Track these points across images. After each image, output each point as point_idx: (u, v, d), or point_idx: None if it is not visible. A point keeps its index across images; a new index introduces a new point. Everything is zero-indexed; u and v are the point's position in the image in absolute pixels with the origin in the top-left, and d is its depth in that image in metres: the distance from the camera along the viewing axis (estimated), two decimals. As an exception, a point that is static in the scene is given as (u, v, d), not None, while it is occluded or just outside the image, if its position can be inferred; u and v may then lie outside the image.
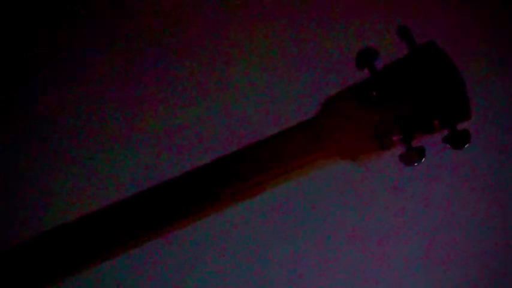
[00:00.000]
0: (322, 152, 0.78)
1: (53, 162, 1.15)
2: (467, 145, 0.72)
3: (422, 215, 1.06)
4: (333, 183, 1.05)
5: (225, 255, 1.07)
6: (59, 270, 0.83)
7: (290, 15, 1.16)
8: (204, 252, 1.07)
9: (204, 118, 1.12)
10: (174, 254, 1.08)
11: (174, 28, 1.19)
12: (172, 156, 1.11)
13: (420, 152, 0.74)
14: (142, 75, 1.17)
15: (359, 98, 0.76)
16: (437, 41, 0.76)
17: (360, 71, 0.77)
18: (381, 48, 0.77)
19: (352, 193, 1.06)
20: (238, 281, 1.07)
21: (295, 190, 1.07)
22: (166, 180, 0.80)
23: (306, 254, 1.07)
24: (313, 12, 1.15)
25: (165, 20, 1.20)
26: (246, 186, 0.78)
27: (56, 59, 1.21)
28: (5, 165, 1.17)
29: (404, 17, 1.10)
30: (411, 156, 0.74)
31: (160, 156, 1.12)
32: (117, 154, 1.14)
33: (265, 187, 0.79)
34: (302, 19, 1.15)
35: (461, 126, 0.73)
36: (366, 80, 0.77)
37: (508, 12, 1.10)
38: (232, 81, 1.14)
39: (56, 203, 1.13)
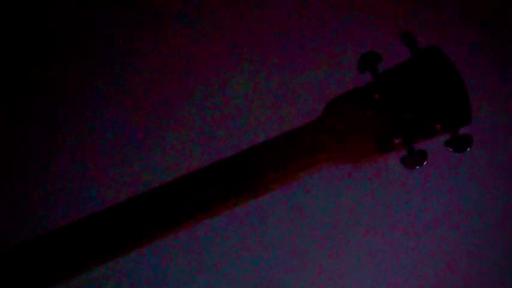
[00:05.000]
0: (325, 154, 0.78)
1: (54, 162, 1.15)
2: (468, 149, 0.73)
3: (423, 218, 1.07)
4: (334, 185, 1.06)
5: (228, 255, 1.08)
6: (59, 271, 0.83)
7: (294, 18, 1.16)
8: (208, 252, 1.08)
9: (210, 119, 1.13)
10: (176, 254, 1.08)
11: (175, 28, 1.20)
12: (177, 157, 1.12)
13: (422, 156, 0.75)
14: (145, 75, 1.18)
15: (361, 101, 0.77)
16: (439, 45, 0.77)
17: (363, 74, 0.78)
18: (384, 52, 0.78)
19: (354, 195, 1.07)
20: (239, 280, 1.07)
21: (298, 191, 1.07)
22: (172, 181, 0.81)
23: (307, 254, 1.08)
24: (317, 16, 1.16)
25: (163, 25, 1.20)
26: (251, 187, 0.79)
27: (56, 58, 1.22)
28: (5, 165, 1.17)
29: (407, 21, 1.11)
30: (413, 160, 0.75)
31: (164, 157, 1.12)
32: (119, 154, 1.14)
33: (269, 187, 0.80)
34: (306, 22, 1.15)
35: (463, 129, 0.74)
36: (369, 84, 0.78)
37: (508, 14, 1.11)
38: (237, 82, 1.15)
39: (57, 203, 1.13)
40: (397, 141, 0.76)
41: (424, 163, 0.75)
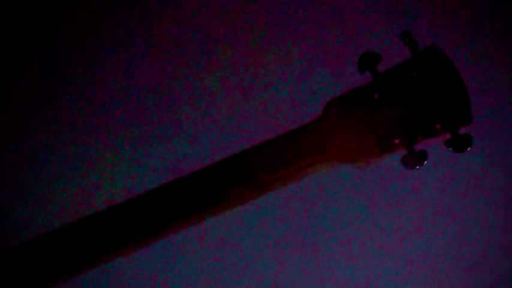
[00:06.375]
0: (324, 155, 0.78)
1: (54, 162, 1.16)
2: (468, 149, 0.73)
3: (423, 217, 1.07)
4: (334, 186, 1.06)
5: (224, 256, 1.08)
6: (59, 271, 0.83)
7: (293, 19, 1.16)
8: (205, 254, 1.08)
9: (208, 119, 1.13)
10: (175, 255, 1.08)
11: (180, 29, 1.20)
12: (176, 157, 1.12)
13: (422, 156, 0.74)
14: (146, 75, 1.18)
15: (361, 101, 0.77)
16: (439, 44, 0.77)
17: (362, 74, 0.78)
18: (383, 52, 0.77)
19: (353, 196, 1.07)
20: (238, 280, 1.07)
21: (297, 191, 1.07)
22: (171, 181, 0.81)
23: (306, 254, 1.08)
24: (316, 17, 1.16)
25: (173, 21, 1.20)
26: (248, 188, 0.79)
27: (58, 57, 1.22)
28: (5, 164, 1.17)
29: (406, 21, 1.11)
30: (413, 160, 0.75)
31: (164, 156, 1.13)
32: (120, 154, 1.14)
33: (267, 189, 0.80)
34: (305, 23, 1.15)
35: (462, 129, 0.74)
36: (368, 84, 0.78)
37: (508, 14, 1.11)
38: (236, 84, 1.15)
39: (56, 204, 1.13)
40: (397, 141, 0.76)
41: (425, 163, 0.74)
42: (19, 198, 1.13)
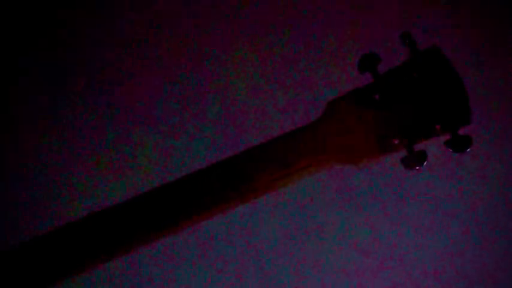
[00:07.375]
0: (324, 155, 0.78)
1: (54, 162, 1.16)
2: (468, 149, 0.73)
3: (422, 218, 1.07)
4: (333, 186, 1.06)
5: (224, 257, 1.08)
6: (59, 271, 0.83)
7: (293, 19, 1.16)
8: (203, 255, 1.08)
9: (208, 120, 1.13)
10: (174, 255, 1.08)
11: (175, 32, 1.20)
12: (175, 158, 1.12)
13: (421, 156, 0.75)
14: (145, 75, 1.18)
15: (361, 102, 0.77)
16: (439, 44, 0.77)
17: (362, 75, 0.78)
18: (384, 54, 0.78)
19: (353, 196, 1.07)
20: (237, 282, 1.08)
21: (297, 192, 1.07)
22: (170, 182, 0.81)
23: (305, 255, 1.08)
24: (316, 17, 1.16)
25: (165, 23, 1.21)
26: (249, 188, 0.79)
27: (58, 56, 1.22)
28: (5, 164, 1.17)
29: (407, 22, 1.11)
30: (413, 160, 0.75)
31: (164, 157, 1.13)
32: (119, 154, 1.14)
33: (267, 189, 0.80)
34: (305, 23, 1.15)
35: (462, 130, 0.74)
36: (368, 84, 0.78)
37: (508, 14, 1.11)
38: (236, 84, 1.15)
39: (56, 204, 1.13)
40: (397, 141, 0.76)
41: (424, 163, 0.75)
42: (19, 198, 1.13)
